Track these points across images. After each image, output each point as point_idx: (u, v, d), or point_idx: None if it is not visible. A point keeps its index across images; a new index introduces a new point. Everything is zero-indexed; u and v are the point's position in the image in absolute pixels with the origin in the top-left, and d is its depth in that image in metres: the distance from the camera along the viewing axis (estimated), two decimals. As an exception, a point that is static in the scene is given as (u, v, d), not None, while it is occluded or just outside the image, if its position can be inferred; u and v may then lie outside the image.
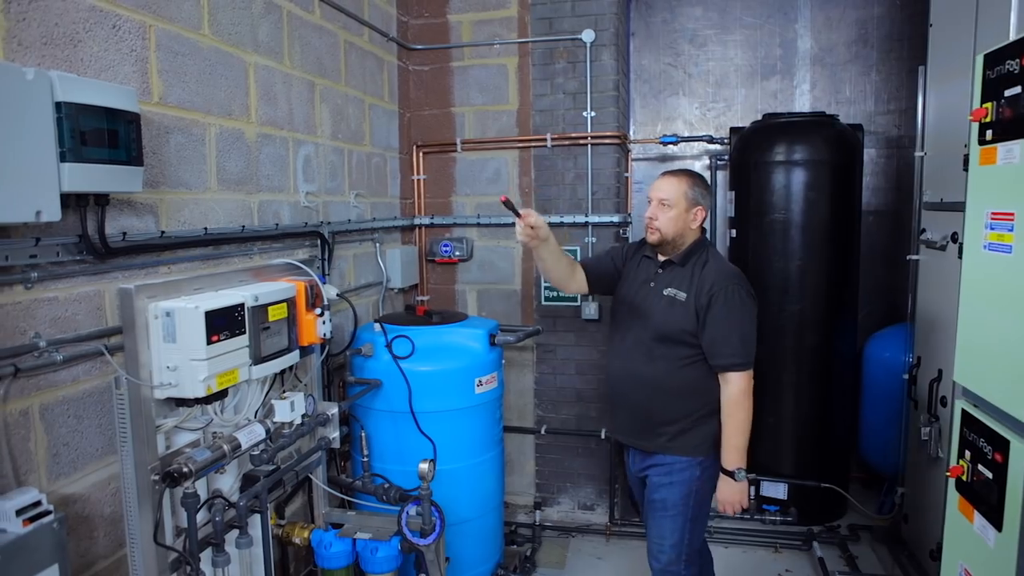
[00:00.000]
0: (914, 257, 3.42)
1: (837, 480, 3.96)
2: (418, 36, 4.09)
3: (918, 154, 3.42)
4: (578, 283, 2.69)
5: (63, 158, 1.63)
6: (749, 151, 4.00)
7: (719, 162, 4.39)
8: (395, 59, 3.93)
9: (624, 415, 2.59)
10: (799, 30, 4.46)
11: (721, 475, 2.43)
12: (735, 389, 2.36)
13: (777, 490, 4.00)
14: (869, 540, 3.80)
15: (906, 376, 3.47)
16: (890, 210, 4.46)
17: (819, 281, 3.89)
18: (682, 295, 2.41)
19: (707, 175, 4.48)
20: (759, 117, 4.17)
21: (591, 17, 3.81)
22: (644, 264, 2.60)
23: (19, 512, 1.52)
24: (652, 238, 2.48)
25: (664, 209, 2.43)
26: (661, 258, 2.53)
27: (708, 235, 2.91)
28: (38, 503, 1.57)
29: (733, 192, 4.10)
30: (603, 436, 3.97)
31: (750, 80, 4.54)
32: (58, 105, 1.61)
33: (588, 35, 3.79)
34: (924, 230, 3.30)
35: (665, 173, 2.53)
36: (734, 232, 4.10)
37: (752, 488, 4.00)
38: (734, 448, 2.38)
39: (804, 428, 3.99)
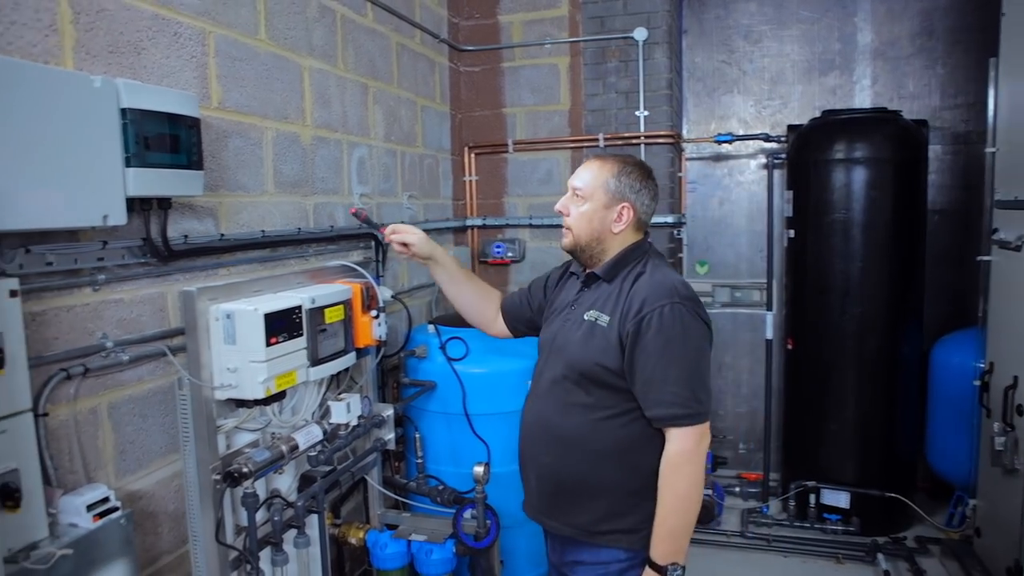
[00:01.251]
0: (985, 258, 3.27)
1: (902, 490, 3.81)
2: (469, 37, 4.09)
3: (989, 150, 3.27)
4: (500, 327, 2.22)
5: (128, 163, 1.66)
6: (808, 149, 3.89)
7: (776, 160, 4.27)
8: (446, 60, 3.94)
9: (532, 484, 1.91)
10: (859, 23, 4.31)
11: (646, 571, 1.71)
12: (674, 449, 1.68)
13: (838, 498, 3.87)
14: (938, 554, 3.64)
15: (978, 383, 3.31)
16: (957, 209, 4.27)
17: (882, 283, 3.75)
18: (605, 319, 1.77)
19: (763, 174, 4.38)
20: (817, 114, 4.04)
21: (643, 15, 3.76)
22: (569, 283, 2.01)
23: (89, 507, 1.57)
24: (564, 241, 1.91)
25: (577, 202, 1.85)
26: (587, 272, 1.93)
27: (660, 240, 2.52)
28: (107, 499, 1.61)
29: (791, 192, 3.99)
30: (656, 440, 3.90)
31: (807, 76, 4.41)
32: (123, 111, 1.65)
33: (640, 33, 3.74)
34: (996, 230, 3.15)
35: (593, 157, 1.92)
36: (792, 233, 3.99)
37: (812, 496, 3.89)
38: (667, 534, 1.69)
39: (867, 434, 3.85)
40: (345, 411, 2.20)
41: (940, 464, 3.88)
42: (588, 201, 1.84)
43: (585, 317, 1.82)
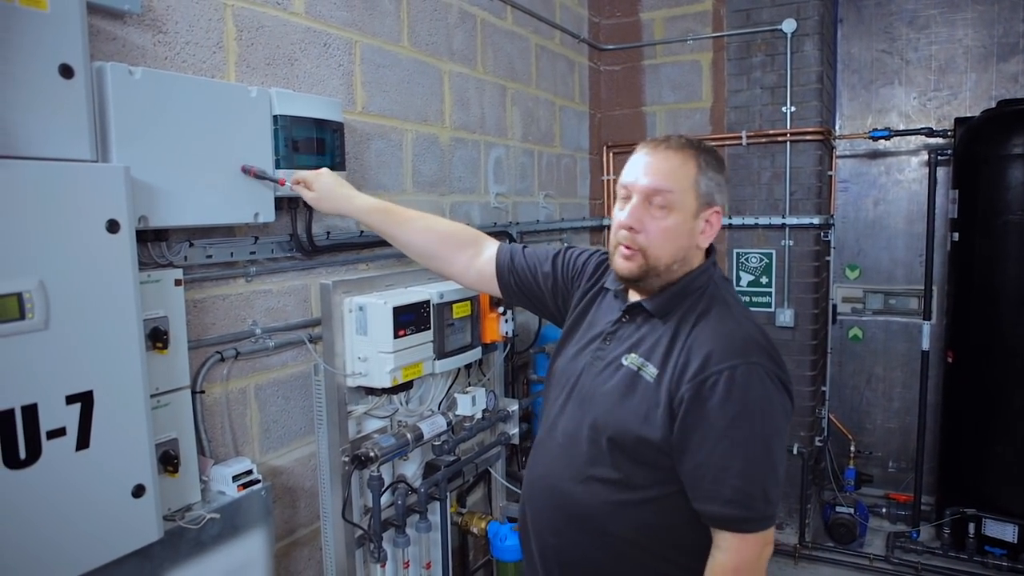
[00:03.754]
0: None
1: (1085, 527, 3.40)
2: (610, 36, 4.08)
3: None
4: (472, 271, 1.72)
5: (277, 164, 1.82)
6: (979, 144, 3.55)
7: (940, 157, 3.92)
8: (586, 60, 3.94)
9: (535, 554, 1.49)
10: (1050, 0, 3.86)
11: None
12: (727, 562, 1.28)
13: (1004, 531, 3.51)
14: (1125, 601, 3.23)
15: None
16: None
17: (1065, 293, 3.36)
18: (652, 371, 1.33)
19: (924, 172, 4.04)
20: (992, 105, 3.68)
21: (792, 6, 3.58)
22: (604, 302, 1.54)
23: (235, 478, 1.73)
24: (627, 267, 1.37)
25: (656, 213, 1.34)
26: (632, 297, 1.46)
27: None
28: (250, 471, 1.77)
29: (957, 191, 3.66)
30: (795, 451, 3.72)
31: (983, 63, 4.01)
32: (275, 118, 1.80)
33: (789, 25, 3.56)
34: None
35: (655, 143, 1.39)
36: (956, 236, 3.66)
37: (971, 525, 3.55)
38: None
39: (1041, 462, 3.47)
40: (470, 404, 2.28)
41: None
42: (675, 210, 1.34)
43: (625, 362, 1.37)
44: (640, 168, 1.37)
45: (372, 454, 1.93)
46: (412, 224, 1.74)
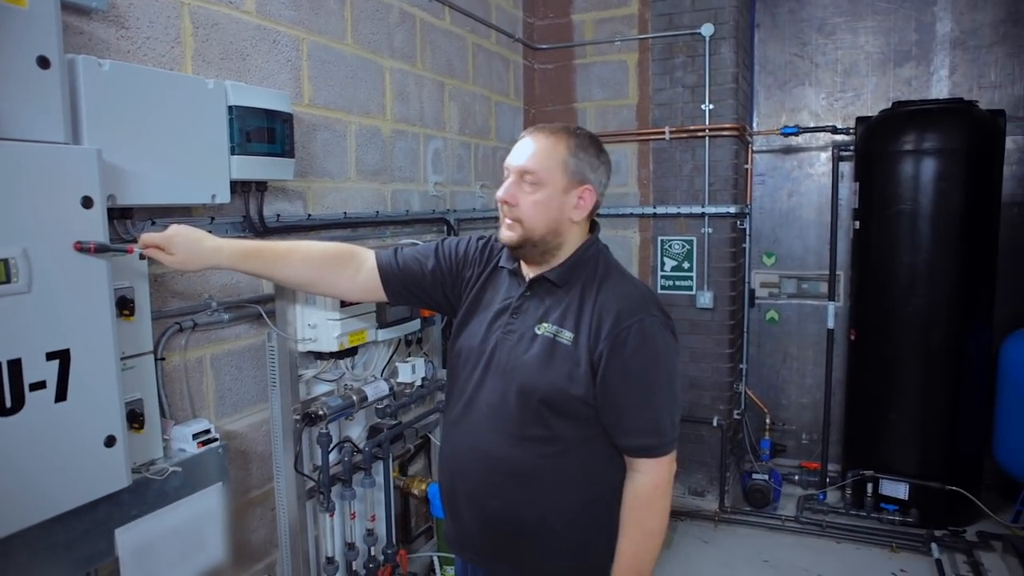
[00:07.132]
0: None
1: (965, 484, 3.78)
2: (543, 36, 4.32)
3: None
4: (357, 285, 1.77)
5: (232, 151, 1.98)
6: (875, 141, 3.91)
7: (844, 153, 4.30)
8: (520, 58, 4.18)
9: (473, 523, 1.64)
10: (938, 13, 4.26)
11: None
12: (647, 482, 1.53)
13: (897, 489, 3.89)
14: (1000, 549, 3.63)
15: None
16: (1040, 202, 4.18)
17: (948, 275, 3.74)
18: (567, 335, 1.52)
19: (830, 167, 4.41)
20: (889, 106, 4.05)
21: (711, 11, 3.88)
22: (500, 281, 1.70)
23: (195, 436, 1.90)
24: (508, 236, 1.58)
25: (527, 188, 1.53)
26: (529, 272, 1.64)
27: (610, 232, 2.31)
28: (208, 431, 1.94)
29: (858, 183, 4.03)
30: (715, 423, 4.03)
31: (882, 68, 4.40)
32: (230, 108, 1.97)
33: (707, 29, 3.86)
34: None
35: (534, 128, 1.60)
36: (858, 224, 4.03)
37: (870, 485, 3.92)
38: (633, 572, 1.56)
39: (929, 427, 3.85)
40: (410, 372, 2.48)
41: (1009, 460, 3.83)
42: (543, 186, 1.53)
43: (539, 332, 1.56)
44: (517, 150, 1.58)
45: (321, 412, 2.12)
46: (288, 259, 1.72)
